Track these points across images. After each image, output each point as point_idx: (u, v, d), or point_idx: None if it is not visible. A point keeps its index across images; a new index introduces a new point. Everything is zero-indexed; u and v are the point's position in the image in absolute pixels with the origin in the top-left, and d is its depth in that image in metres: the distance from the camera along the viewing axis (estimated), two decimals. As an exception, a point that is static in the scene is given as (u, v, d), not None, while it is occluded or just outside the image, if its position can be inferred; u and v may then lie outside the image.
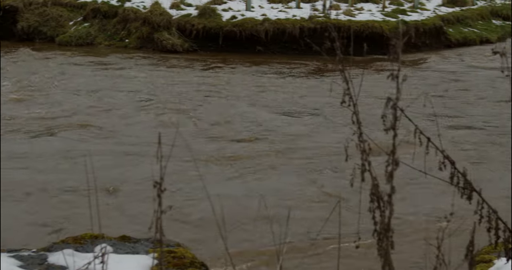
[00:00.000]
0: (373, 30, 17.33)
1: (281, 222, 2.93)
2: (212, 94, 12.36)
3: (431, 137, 2.80)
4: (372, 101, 11.15)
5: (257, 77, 14.16)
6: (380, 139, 2.51)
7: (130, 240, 4.06)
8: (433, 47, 18.70)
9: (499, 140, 9.43)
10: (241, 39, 17.38)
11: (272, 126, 10.19)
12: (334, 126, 10.06)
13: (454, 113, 11.14)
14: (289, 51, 17.24)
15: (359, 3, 20.41)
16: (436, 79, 14.20)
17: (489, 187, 6.81)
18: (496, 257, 4.09)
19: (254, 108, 11.33)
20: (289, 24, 17.45)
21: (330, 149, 8.94)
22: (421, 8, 21.15)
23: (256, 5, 19.19)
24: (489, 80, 13.81)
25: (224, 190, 7.37)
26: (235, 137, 9.59)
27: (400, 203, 6.71)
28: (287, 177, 7.95)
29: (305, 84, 13.47)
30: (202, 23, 17.61)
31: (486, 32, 21.04)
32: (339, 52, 3.01)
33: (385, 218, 2.57)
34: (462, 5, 23.16)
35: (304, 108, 11.42)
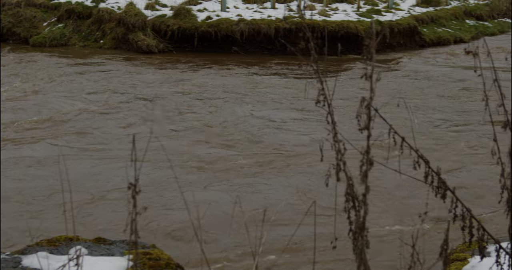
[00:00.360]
0: (348, 30, 17.39)
1: (257, 223, 2.92)
2: (185, 95, 12.33)
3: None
4: (345, 102, 11.18)
5: (231, 77, 14.15)
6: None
7: (105, 242, 4.03)
8: (407, 47, 18.81)
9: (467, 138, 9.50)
10: (216, 40, 17.37)
11: (241, 125, 10.18)
12: (309, 126, 10.07)
13: (429, 113, 11.21)
14: (265, 51, 17.25)
15: (334, 3, 20.48)
16: (410, 79, 14.26)
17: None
18: (470, 255, 4.12)
19: (221, 109, 11.32)
20: (265, 24, 17.46)
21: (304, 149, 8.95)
22: (395, 8, 21.26)
23: (231, 6, 19.18)
24: (461, 80, 13.90)
25: (202, 196, 7.36)
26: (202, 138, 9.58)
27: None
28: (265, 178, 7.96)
29: (280, 83, 13.47)
30: (177, 23, 17.57)
31: (459, 32, 21.19)
32: (314, 52, 3.01)
33: (360, 218, 2.58)
34: (436, 5, 23.32)
35: (276, 106, 11.43)
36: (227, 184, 7.67)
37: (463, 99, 12.12)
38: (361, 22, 17.87)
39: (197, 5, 18.95)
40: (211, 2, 19.47)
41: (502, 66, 2.60)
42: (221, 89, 12.87)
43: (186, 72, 14.76)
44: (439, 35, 20.10)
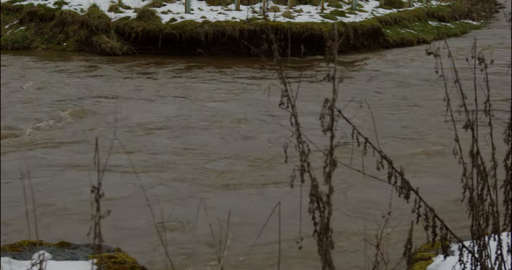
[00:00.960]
0: (312, 32, 17.46)
1: (222, 226, 2.92)
2: (148, 97, 12.29)
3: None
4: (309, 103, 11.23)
5: (194, 80, 14.12)
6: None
7: (70, 246, 4.00)
8: (371, 48, 18.95)
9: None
10: (181, 42, 17.32)
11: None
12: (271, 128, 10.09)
13: (393, 113, 11.30)
14: (230, 53, 17.26)
15: (298, 5, 20.57)
16: (374, 79, 14.37)
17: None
18: (434, 254, 4.15)
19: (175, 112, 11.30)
20: (229, 26, 17.46)
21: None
22: (359, 9, 21.42)
23: (196, 8, 19.16)
24: (425, 80, 14.04)
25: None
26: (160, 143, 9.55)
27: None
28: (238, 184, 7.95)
29: (244, 85, 13.48)
30: (141, 26, 17.49)
31: (422, 33, 21.40)
32: (277, 54, 3.02)
33: (324, 218, 2.59)
34: (399, 7, 23.55)
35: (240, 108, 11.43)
36: (193, 186, 7.66)
37: (427, 99, 12.23)
38: (325, 24, 17.95)
39: (161, 7, 18.90)
40: (175, 4, 19.42)
41: (463, 67, 2.65)
42: (180, 92, 12.84)
43: (149, 74, 14.70)
44: (402, 36, 20.29)
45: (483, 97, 2.89)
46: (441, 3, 27.02)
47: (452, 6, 26.58)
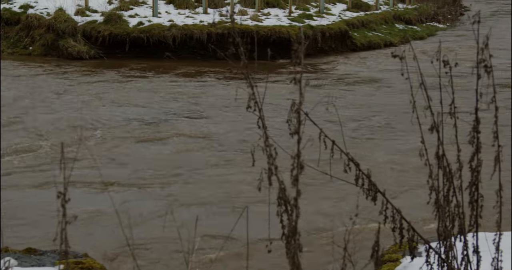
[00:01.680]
0: (280, 35, 17.50)
1: (189, 230, 2.91)
2: (112, 103, 12.23)
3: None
4: (275, 107, 11.25)
5: (161, 83, 14.08)
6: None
7: (36, 252, 3.96)
8: (339, 51, 19.04)
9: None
10: (148, 46, 17.27)
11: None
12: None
13: (361, 115, 11.36)
14: (198, 56, 17.23)
15: (266, 8, 20.60)
16: (341, 82, 14.44)
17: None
18: (402, 255, 4.18)
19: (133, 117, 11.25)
20: (197, 29, 17.44)
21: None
22: (326, 13, 21.51)
23: (163, 11, 19.10)
24: (391, 82, 14.13)
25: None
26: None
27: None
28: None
29: (212, 88, 13.47)
30: (109, 29, 17.40)
31: (389, 36, 21.56)
32: (244, 58, 3.01)
33: (292, 221, 2.59)
34: (366, 10, 23.69)
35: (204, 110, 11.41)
36: (160, 190, 7.63)
37: (394, 101, 12.32)
38: (293, 27, 18.00)
39: (128, 11, 18.81)
40: (142, 8, 19.35)
41: (429, 70, 2.68)
42: (144, 96, 12.80)
43: (115, 80, 14.63)
44: (369, 39, 20.41)
45: (448, 99, 2.92)
46: (408, 6, 27.25)
47: (419, 9, 26.81)
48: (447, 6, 29.91)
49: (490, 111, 2.78)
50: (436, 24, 26.05)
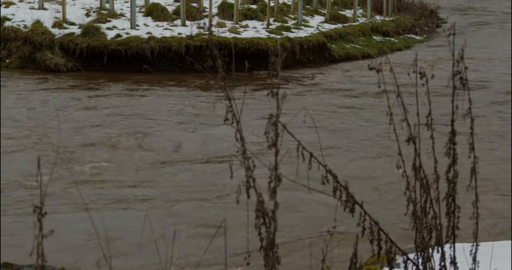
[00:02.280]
0: (258, 47, 17.53)
1: (167, 242, 2.90)
2: (84, 116, 12.18)
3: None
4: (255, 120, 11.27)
5: (137, 96, 14.05)
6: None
7: (13, 266, 3.92)
8: (317, 63, 19.10)
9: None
10: (126, 58, 17.21)
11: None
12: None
13: (339, 126, 11.39)
14: (176, 69, 17.21)
15: (244, 20, 20.63)
16: (319, 94, 14.48)
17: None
18: (380, 267, 4.19)
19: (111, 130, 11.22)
20: (175, 42, 17.44)
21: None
22: (304, 25, 21.58)
23: (141, 23, 19.07)
24: (371, 94, 14.19)
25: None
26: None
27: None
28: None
29: (189, 102, 13.46)
30: (86, 42, 17.34)
31: (367, 47, 21.67)
32: (221, 70, 3.02)
33: (270, 234, 2.59)
34: (344, 22, 23.81)
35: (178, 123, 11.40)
36: (141, 202, 7.60)
37: (372, 113, 12.36)
38: (271, 39, 18.05)
39: (106, 23, 18.76)
40: (120, 20, 19.31)
41: (406, 82, 2.69)
42: (129, 110, 12.76)
43: (91, 91, 14.57)
44: (347, 51, 20.50)
45: (425, 111, 2.94)
46: (385, 18, 27.41)
47: (396, 21, 26.98)
48: (424, 18, 30.10)
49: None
50: (413, 36, 26.21)
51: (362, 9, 28.21)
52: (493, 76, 17.01)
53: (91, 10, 20.54)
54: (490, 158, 9.41)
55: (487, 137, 10.69)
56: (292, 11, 23.46)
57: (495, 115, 12.48)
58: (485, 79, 16.44)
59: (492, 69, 18.31)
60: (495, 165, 9.26)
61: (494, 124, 11.75)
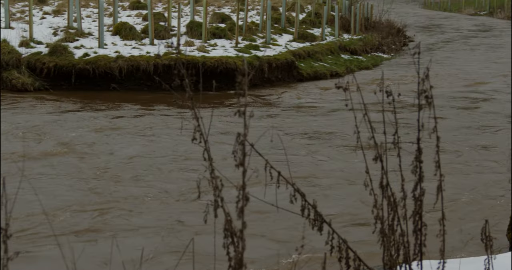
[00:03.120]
0: (227, 65, 17.57)
1: (135, 263, 2.88)
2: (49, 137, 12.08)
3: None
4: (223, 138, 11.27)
5: (102, 115, 13.98)
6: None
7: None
8: (286, 81, 19.17)
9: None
10: (94, 77, 17.14)
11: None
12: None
13: (308, 146, 11.42)
14: (144, 88, 17.16)
15: (212, 39, 20.67)
16: (287, 112, 14.53)
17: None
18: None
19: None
20: (143, 61, 17.41)
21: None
22: (273, 43, 21.70)
23: (109, 42, 19.03)
24: (338, 112, 14.26)
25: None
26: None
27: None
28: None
29: (156, 121, 13.42)
30: (54, 61, 17.24)
31: (335, 66, 21.82)
32: (189, 90, 3.02)
33: (238, 254, 2.58)
34: (312, 41, 23.97)
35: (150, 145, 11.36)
36: (104, 222, 7.54)
37: (338, 132, 12.42)
38: (239, 58, 18.11)
39: (73, 42, 18.70)
40: (88, 39, 19.26)
41: (373, 100, 2.71)
42: (92, 131, 12.69)
43: (56, 110, 14.47)
44: (315, 69, 20.62)
45: (392, 129, 2.96)
46: (353, 37, 27.65)
47: (364, 40, 27.23)
48: (391, 37, 30.43)
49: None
50: (381, 54, 26.47)
51: (330, 28, 28.45)
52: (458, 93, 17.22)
53: (58, 29, 20.47)
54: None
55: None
56: (260, 30, 23.58)
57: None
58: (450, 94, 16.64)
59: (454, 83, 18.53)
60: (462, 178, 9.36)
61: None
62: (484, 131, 12.75)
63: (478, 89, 18.06)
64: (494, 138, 12.22)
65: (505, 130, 12.69)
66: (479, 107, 15.41)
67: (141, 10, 27.42)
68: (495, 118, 14.04)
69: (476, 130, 12.83)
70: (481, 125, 13.32)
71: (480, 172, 9.98)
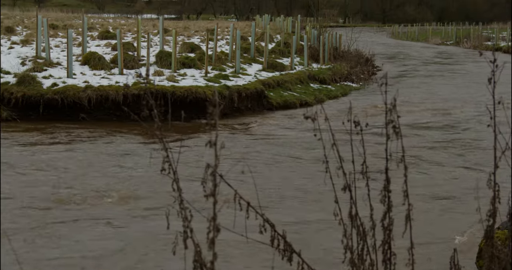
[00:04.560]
0: (196, 95, 17.59)
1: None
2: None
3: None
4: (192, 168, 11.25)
5: (69, 146, 13.90)
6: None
7: None
8: (255, 111, 19.23)
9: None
10: (63, 107, 17.05)
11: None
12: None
13: (277, 177, 11.43)
14: (114, 117, 17.10)
15: (182, 69, 20.71)
16: (256, 142, 14.55)
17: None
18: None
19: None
20: (112, 90, 17.36)
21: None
22: (242, 73, 21.78)
23: (78, 72, 18.97)
24: (307, 142, 14.31)
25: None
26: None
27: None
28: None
29: (126, 151, 13.36)
30: (22, 91, 17.13)
31: (305, 95, 21.94)
32: (157, 120, 3.02)
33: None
34: (281, 70, 24.12)
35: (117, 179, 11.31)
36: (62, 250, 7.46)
37: (310, 162, 12.46)
38: (209, 87, 18.14)
39: (42, 72, 18.62)
40: (56, 69, 19.19)
41: (341, 129, 2.75)
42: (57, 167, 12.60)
43: (21, 143, 14.36)
44: (285, 98, 20.71)
45: (360, 159, 2.98)
46: (322, 66, 27.86)
47: (333, 69, 27.45)
48: (360, 66, 30.74)
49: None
50: (350, 84, 26.68)
51: (299, 57, 28.67)
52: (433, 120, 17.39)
53: (26, 59, 20.39)
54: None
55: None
56: (230, 60, 23.69)
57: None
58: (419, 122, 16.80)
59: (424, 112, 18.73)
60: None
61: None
62: (456, 160, 12.87)
63: (447, 117, 18.25)
64: (467, 163, 12.34)
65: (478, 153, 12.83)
66: (449, 134, 15.56)
67: (110, 40, 27.44)
68: (467, 144, 14.17)
69: (450, 158, 12.94)
70: (453, 153, 13.43)
71: (447, 197, 10.06)
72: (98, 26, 38.43)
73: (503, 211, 3.11)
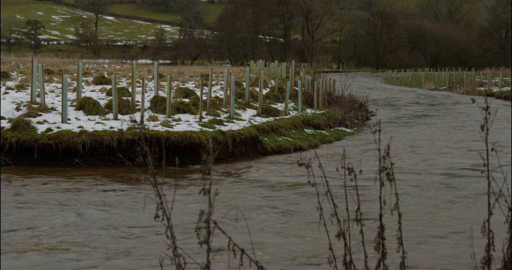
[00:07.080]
0: (191, 140, 17.61)
1: None
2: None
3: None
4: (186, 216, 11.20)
5: (64, 194, 13.85)
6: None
7: None
8: (250, 156, 19.23)
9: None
10: (57, 152, 17.04)
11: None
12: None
13: (272, 223, 11.39)
14: (108, 163, 17.07)
15: (176, 114, 20.79)
16: (251, 188, 14.51)
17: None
18: None
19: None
20: (107, 136, 17.38)
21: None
22: (237, 118, 21.86)
23: (73, 117, 19.01)
24: (302, 187, 14.28)
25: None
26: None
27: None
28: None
29: (119, 199, 13.31)
30: (16, 136, 17.14)
31: (299, 140, 21.98)
32: (151, 167, 3.01)
33: None
34: (275, 115, 24.22)
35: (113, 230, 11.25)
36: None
37: (304, 208, 12.42)
38: (203, 132, 18.18)
39: (36, 117, 18.66)
40: (51, 114, 19.23)
41: (335, 176, 2.77)
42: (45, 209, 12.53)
43: (14, 188, 14.30)
44: (279, 143, 20.75)
45: (354, 206, 2.98)
46: (316, 112, 27.98)
47: (327, 114, 27.57)
48: (353, 111, 30.88)
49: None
50: (344, 129, 26.77)
51: (294, 103, 28.82)
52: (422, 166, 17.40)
53: (21, 104, 20.44)
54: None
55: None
56: (224, 105, 23.80)
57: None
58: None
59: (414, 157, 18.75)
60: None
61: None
62: (448, 205, 12.85)
63: (440, 163, 18.27)
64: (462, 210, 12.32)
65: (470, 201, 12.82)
66: (443, 181, 15.56)
67: (105, 85, 27.58)
68: (461, 190, 14.17)
69: (443, 203, 12.92)
70: (446, 199, 13.42)
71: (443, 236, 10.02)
72: (93, 71, 38.68)
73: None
